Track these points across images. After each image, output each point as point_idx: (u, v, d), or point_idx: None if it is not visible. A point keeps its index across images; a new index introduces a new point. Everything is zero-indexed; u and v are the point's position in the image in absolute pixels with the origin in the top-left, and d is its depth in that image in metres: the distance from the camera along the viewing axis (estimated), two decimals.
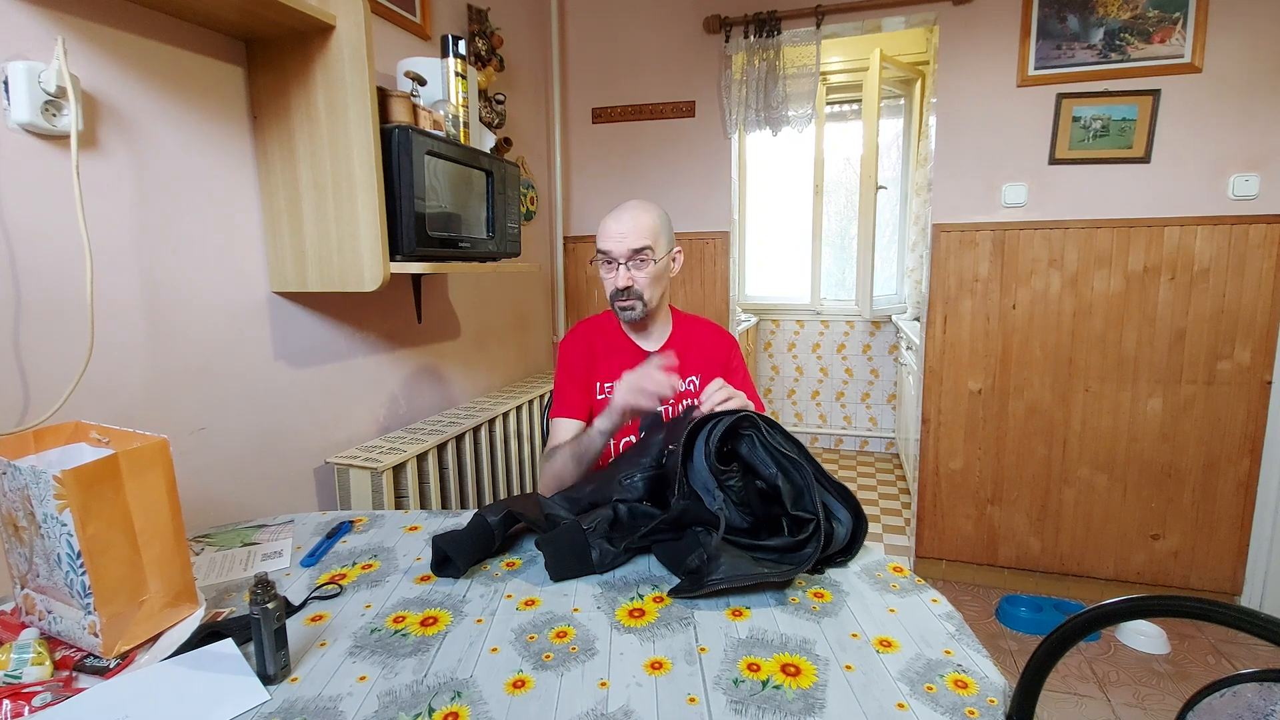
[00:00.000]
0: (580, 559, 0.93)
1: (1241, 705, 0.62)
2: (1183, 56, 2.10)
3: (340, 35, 1.22)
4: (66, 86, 0.94)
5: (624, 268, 1.29)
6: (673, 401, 1.26)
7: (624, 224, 1.29)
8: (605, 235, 1.31)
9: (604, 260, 1.32)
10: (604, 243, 1.31)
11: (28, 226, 0.96)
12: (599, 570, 0.93)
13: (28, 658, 0.70)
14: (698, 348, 1.41)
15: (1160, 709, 1.82)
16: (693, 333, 1.44)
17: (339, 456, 1.50)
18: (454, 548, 0.94)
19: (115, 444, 0.80)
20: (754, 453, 0.98)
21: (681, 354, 1.35)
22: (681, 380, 1.34)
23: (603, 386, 1.37)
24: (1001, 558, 2.50)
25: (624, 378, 1.20)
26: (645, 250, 1.29)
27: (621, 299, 1.32)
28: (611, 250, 1.29)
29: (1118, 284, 2.26)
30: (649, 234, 1.30)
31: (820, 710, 0.64)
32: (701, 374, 1.38)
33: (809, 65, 2.47)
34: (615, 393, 1.21)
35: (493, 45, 2.16)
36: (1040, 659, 0.64)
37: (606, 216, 1.34)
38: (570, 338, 1.43)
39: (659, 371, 1.16)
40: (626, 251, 1.28)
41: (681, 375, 1.33)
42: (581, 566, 0.93)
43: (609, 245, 1.30)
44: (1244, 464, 2.22)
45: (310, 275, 1.34)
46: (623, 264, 1.29)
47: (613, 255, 1.30)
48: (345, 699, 0.66)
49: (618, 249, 1.29)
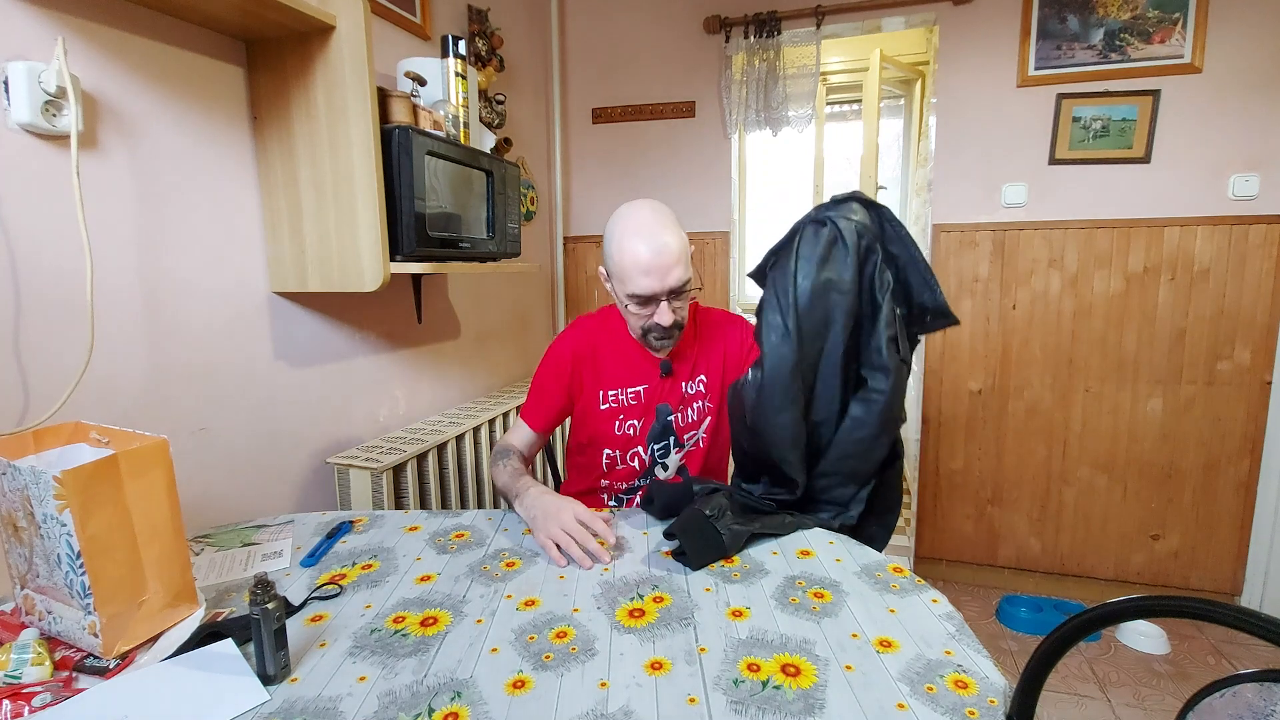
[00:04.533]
0: (715, 545, 0.96)
1: (1241, 705, 0.62)
2: (1183, 57, 2.10)
3: (340, 35, 1.22)
4: (66, 86, 0.94)
5: (665, 302, 1.14)
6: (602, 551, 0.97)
7: (660, 257, 1.10)
8: (639, 273, 1.11)
9: (637, 300, 1.15)
10: (637, 284, 1.12)
11: (28, 226, 0.96)
12: (731, 553, 0.97)
13: (28, 658, 0.70)
14: (713, 346, 1.30)
15: (1160, 709, 1.82)
16: (709, 329, 1.32)
17: (339, 456, 1.50)
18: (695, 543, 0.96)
19: (115, 444, 0.80)
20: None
21: (695, 352, 1.29)
22: (691, 381, 1.29)
23: (606, 395, 1.28)
24: (1001, 558, 2.50)
25: (550, 513, 0.99)
26: (687, 283, 1.14)
27: (660, 335, 1.18)
28: (651, 292, 1.12)
29: (1118, 284, 2.26)
30: (684, 259, 1.14)
31: (820, 710, 0.64)
32: (710, 375, 1.29)
33: (809, 65, 2.47)
34: (534, 521, 1.02)
35: (493, 45, 2.16)
36: (1040, 659, 0.64)
37: (624, 248, 1.13)
38: (569, 337, 1.30)
39: (580, 530, 0.97)
40: (667, 289, 1.12)
41: (690, 375, 1.29)
42: (718, 552, 0.96)
43: (647, 287, 1.12)
44: (1244, 464, 2.22)
45: (310, 275, 1.34)
46: (664, 300, 1.14)
47: (653, 296, 1.13)
48: (345, 699, 0.66)
49: (659, 289, 1.12)
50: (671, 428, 1.30)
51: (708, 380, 1.30)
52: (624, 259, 1.13)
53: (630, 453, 1.31)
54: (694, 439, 1.32)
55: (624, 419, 1.29)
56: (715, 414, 1.30)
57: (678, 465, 1.33)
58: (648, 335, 1.20)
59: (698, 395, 1.29)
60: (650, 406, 1.28)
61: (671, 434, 1.30)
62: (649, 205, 1.18)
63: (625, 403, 1.28)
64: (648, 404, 1.28)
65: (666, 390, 1.29)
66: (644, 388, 1.28)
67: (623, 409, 1.28)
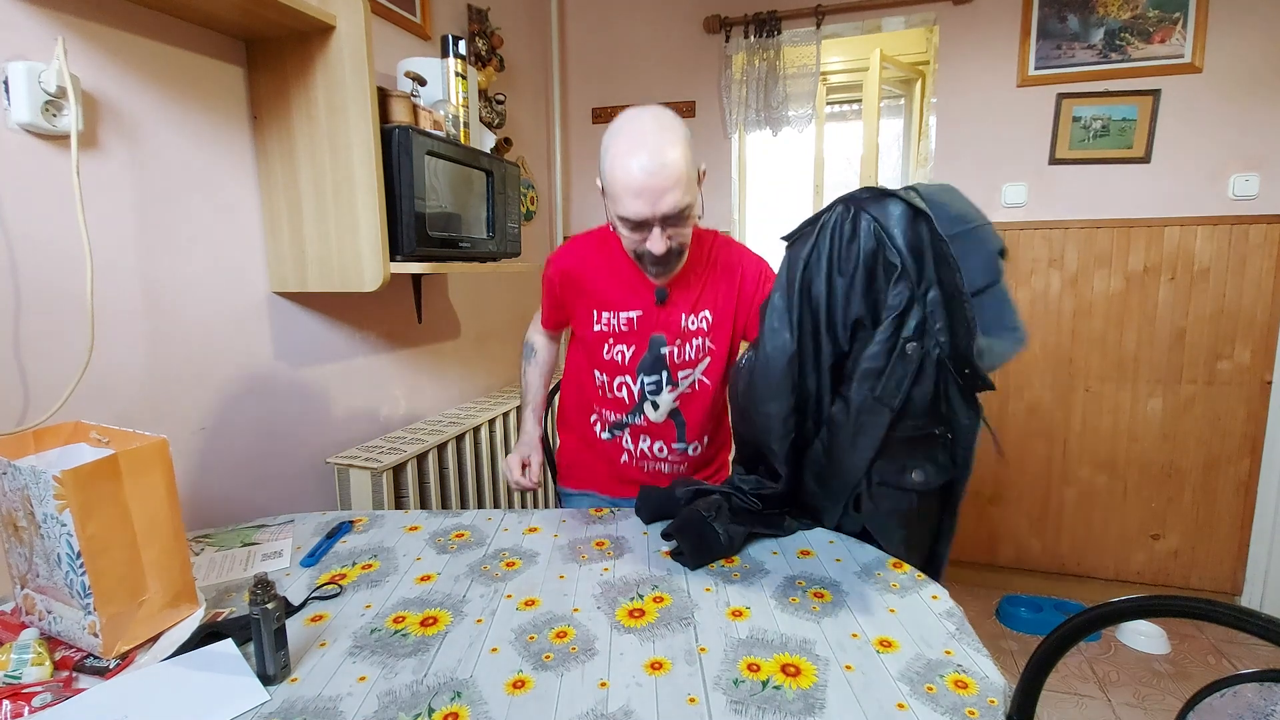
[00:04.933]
0: (713, 545, 0.96)
1: (1242, 705, 0.62)
2: (1183, 56, 2.10)
3: (340, 35, 1.22)
4: (66, 86, 0.94)
5: (659, 229, 1.02)
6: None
7: (654, 178, 0.97)
8: (629, 194, 0.99)
9: (628, 224, 1.03)
10: (626, 206, 1.00)
11: (28, 226, 0.96)
12: (729, 554, 0.97)
13: (28, 658, 0.70)
14: (725, 282, 1.18)
15: (1160, 709, 1.82)
16: (724, 263, 1.20)
17: (339, 456, 1.50)
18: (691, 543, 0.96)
19: (115, 444, 0.80)
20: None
21: (702, 285, 1.18)
22: (693, 315, 1.18)
23: (600, 316, 1.19)
24: (1001, 558, 2.50)
25: (514, 450, 1.37)
26: (687, 209, 1.01)
27: (655, 263, 1.07)
28: (642, 217, 1.01)
29: (1118, 284, 2.26)
30: (683, 182, 0.99)
31: (820, 710, 0.64)
32: (717, 314, 1.18)
33: (809, 65, 2.47)
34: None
35: (493, 45, 2.16)
36: (1040, 659, 0.64)
37: (616, 164, 1.00)
38: (557, 259, 1.23)
39: (515, 468, 1.33)
40: (661, 217, 1.01)
41: (693, 308, 1.17)
42: (716, 552, 0.96)
43: (637, 211, 1.00)
44: (1244, 464, 2.22)
45: (310, 275, 1.34)
46: (657, 226, 1.02)
47: (645, 222, 1.01)
48: (345, 699, 0.66)
49: (650, 214, 1.00)
50: (664, 361, 1.19)
51: (713, 319, 1.18)
52: (615, 176, 1.00)
53: (618, 381, 1.22)
54: (690, 380, 1.21)
55: (613, 343, 1.20)
56: (718, 359, 1.20)
57: (670, 407, 1.22)
58: (642, 260, 1.11)
59: (699, 332, 1.18)
60: (644, 334, 1.19)
61: (664, 368, 1.19)
62: (652, 114, 1.02)
63: (617, 327, 1.19)
64: (641, 331, 1.19)
65: (663, 320, 1.18)
66: (638, 314, 1.18)
67: (613, 333, 1.20)
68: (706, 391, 1.22)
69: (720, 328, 1.19)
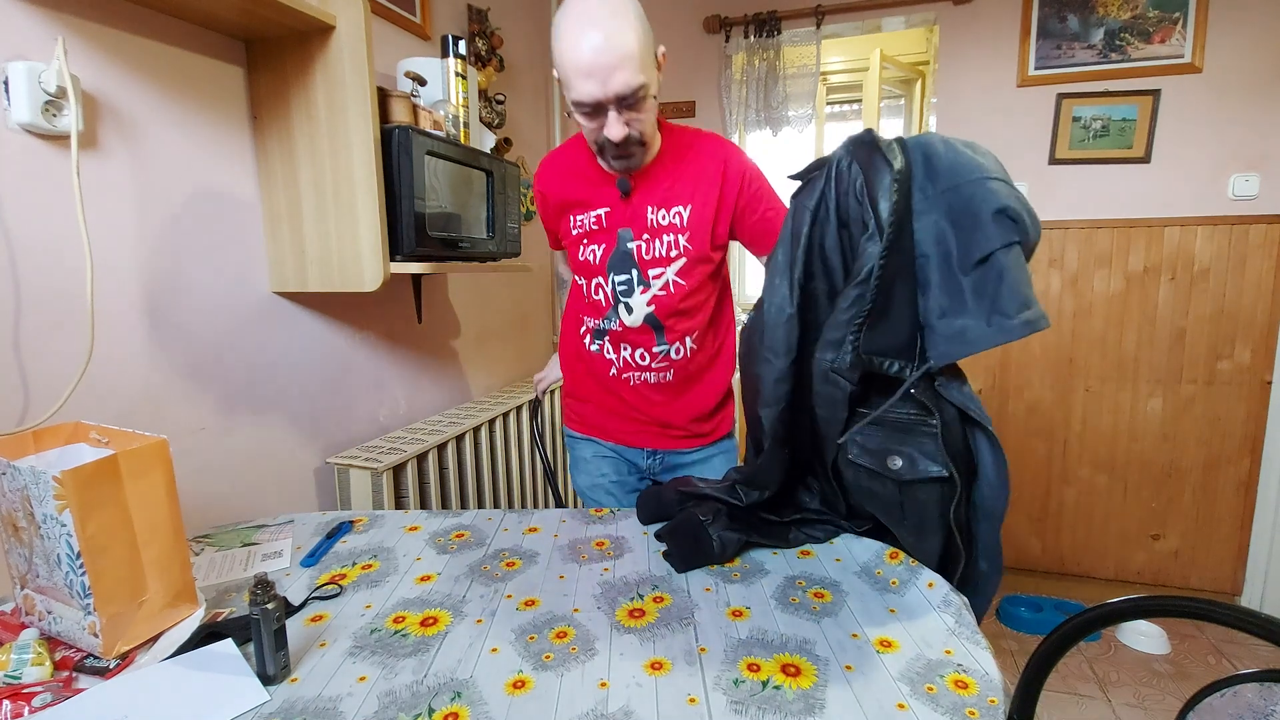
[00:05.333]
0: (703, 550, 0.93)
1: (1242, 705, 0.62)
2: (1183, 56, 2.10)
3: (340, 35, 1.22)
4: (66, 86, 0.94)
5: (614, 112, 0.99)
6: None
7: (601, 55, 0.94)
8: (578, 76, 0.96)
9: (583, 111, 1.01)
10: (577, 89, 0.97)
11: (28, 226, 0.96)
12: (720, 560, 0.94)
13: (28, 658, 0.70)
14: (697, 174, 1.14)
15: (1160, 709, 1.82)
16: (685, 153, 1.15)
17: (339, 456, 1.50)
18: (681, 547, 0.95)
19: (115, 444, 0.80)
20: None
21: (672, 177, 1.14)
22: (663, 210, 1.14)
23: (575, 220, 1.19)
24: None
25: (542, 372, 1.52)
26: (640, 90, 0.97)
27: (615, 153, 1.05)
28: (593, 99, 0.97)
29: (1118, 284, 2.26)
30: (635, 59, 0.95)
31: (820, 710, 0.64)
32: (693, 205, 1.13)
33: (809, 65, 2.47)
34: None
35: (493, 45, 2.16)
36: (1040, 659, 0.64)
37: (562, 45, 0.96)
38: (538, 176, 1.26)
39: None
40: (614, 97, 0.97)
41: (663, 202, 1.13)
42: (705, 557, 0.93)
43: (588, 93, 0.96)
44: (1244, 464, 2.22)
45: (310, 275, 1.34)
46: (612, 109, 0.99)
47: (597, 104, 0.98)
48: (345, 699, 0.66)
49: (601, 95, 0.96)
50: (632, 257, 1.15)
51: (688, 216, 1.13)
52: (562, 58, 0.97)
53: (594, 283, 1.21)
54: (663, 280, 1.16)
55: (586, 244, 1.20)
56: (693, 258, 1.14)
57: (645, 312, 1.17)
58: (604, 153, 1.07)
59: (670, 228, 1.13)
60: (612, 231, 1.16)
61: (634, 266, 1.15)
62: None
63: (588, 226, 1.18)
64: (609, 229, 1.16)
65: (629, 215, 1.15)
66: (605, 210, 1.16)
67: (586, 233, 1.19)
68: (682, 293, 1.16)
69: (697, 225, 1.14)
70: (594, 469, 1.39)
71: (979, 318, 0.74)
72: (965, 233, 0.74)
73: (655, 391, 1.27)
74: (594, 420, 1.37)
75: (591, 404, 1.37)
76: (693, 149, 1.16)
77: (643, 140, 1.05)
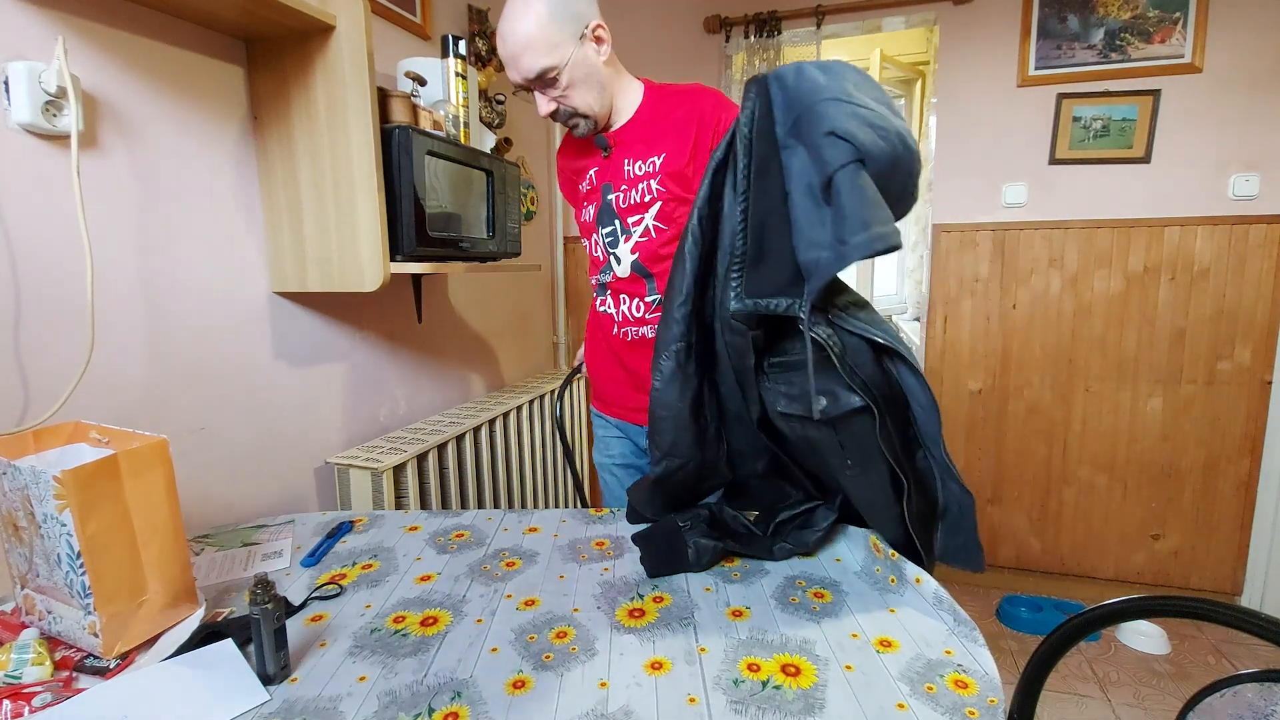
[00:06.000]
0: (677, 557, 0.93)
1: (1242, 705, 0.62)
2: (1183, 56, 2.10)
3: (340, 35, 1.22)
4: (67, 86, 0.94)
5: (537, 93, 1.12)
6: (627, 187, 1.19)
7: (506, 45, 1.08)
8: (506, 65, 1.11)
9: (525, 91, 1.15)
10: (509, 76, 1.13)
11: (28, 226, 0.96)
12: (695, 569, 0.93)
13: (28, 658, 0.70)
14: (673, 119, 1.18)
15: (1160, 709, 1.82)
16: (661, 106, 1.20)
17: (339, 456, 1.50)
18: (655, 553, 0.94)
19: (115, 444, 0.80)
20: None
21: (649, 131, 1.19)
22: (640, 160, 1.18)
23: (580, 188, 1.30)
24: (1001, 558, 2.50)
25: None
26: (547, 72, 1.09)
27: (564, 121, 1.17)
28: (516, 84, 1.12)
29: (1118, 284, 2.26)
30: (539, 48, 1.06)
31: (820, 710, 0.64)
32: (667, 152, 1.16)
33: None
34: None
35: (493, 45, 2.16)
36: (1040, 659, 0.64)
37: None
38: (558, 152, 1.38)
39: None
40: (526, 80, 1.11)
41: (641, 154, 1.18)
42: (677, 564, 0.93)
43: (512, 78, 1.12)
44: (1244, 464, 2.22)
45: (310, 275, 1.34)
46: (536, 90, 1.12)
47: (520, 87, 1.12)
48: (345, 699, 0.66)
49: (519, 80, 1.11)
50: (611, 208, 1.22)
51: (660, 161, 1.17)
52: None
53: (593, 240, 1.28)
54: (642, 225, 1.20)
55: (585, 205, 1.29)
56: (669, 202, 1.17)
57: (631, 259, 1.22)
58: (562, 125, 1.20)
59: (646, 175, 1.18)
60: (600, 189, 1.25)
61: (615, 218, 1.22)
62: None
63: (583, 189, 1.28)
64: (598, 187, 1.25)
65: (611, 170, 1.23)
66: (594, 170, 1.26)
67: (584, 195, 1.28)
68: (664, 237, 1.19)
69: (672, 168, 1.16)
70: (605, 448, 1.45)
71: (830, 246, 0.73)
72: (814, 161, 0.73)
73: (650, 348, 1.26)
74: (606, 394, 1.41)
75: (603, 374, 1.40)
76: (670, 100, 1.20)
77: (578, 112, 1.14)
